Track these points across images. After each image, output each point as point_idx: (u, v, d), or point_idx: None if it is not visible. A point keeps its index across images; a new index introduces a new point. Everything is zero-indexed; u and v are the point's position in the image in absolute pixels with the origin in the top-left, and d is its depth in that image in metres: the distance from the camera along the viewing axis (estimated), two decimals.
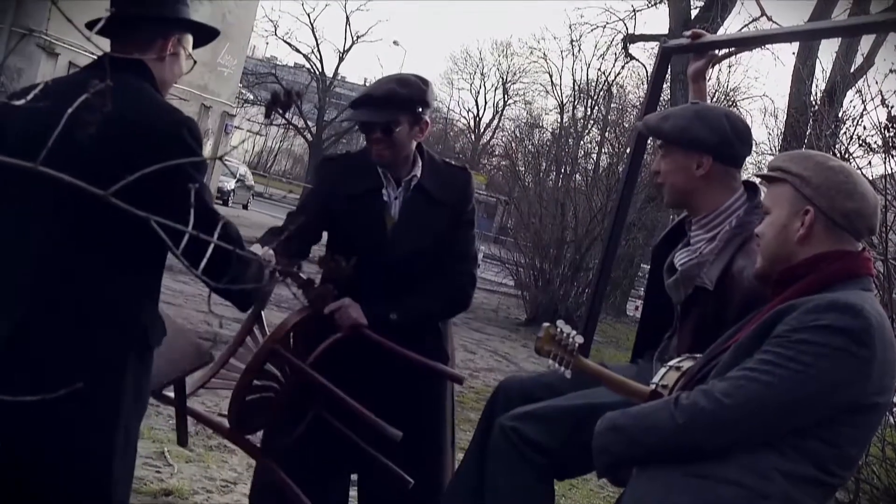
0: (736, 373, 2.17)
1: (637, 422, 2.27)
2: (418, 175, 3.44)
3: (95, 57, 2.36)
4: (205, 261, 1.17)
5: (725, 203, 2.84)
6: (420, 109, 3.36)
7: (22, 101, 1.61)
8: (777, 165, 2.40)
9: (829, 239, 2.29)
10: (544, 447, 2.71)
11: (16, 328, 2.19)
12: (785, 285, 2.30)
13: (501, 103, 56.70)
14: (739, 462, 2.15)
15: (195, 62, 2.55)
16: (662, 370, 2.52)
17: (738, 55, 25.96)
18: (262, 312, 3.47)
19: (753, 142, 3.00)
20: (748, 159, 3.08)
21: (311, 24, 52.93)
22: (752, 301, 2.52)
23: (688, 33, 3.61)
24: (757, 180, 2.66)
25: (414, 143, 3.41)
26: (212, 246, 1.05)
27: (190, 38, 2.53)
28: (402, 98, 3.33)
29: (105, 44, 2.36)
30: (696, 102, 3.23)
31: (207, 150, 28.23)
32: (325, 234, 3.54)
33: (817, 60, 14.29)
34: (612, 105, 23.37)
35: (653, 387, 2.48)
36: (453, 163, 3.63)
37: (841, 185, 2.28)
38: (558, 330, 2.63)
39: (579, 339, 2.65)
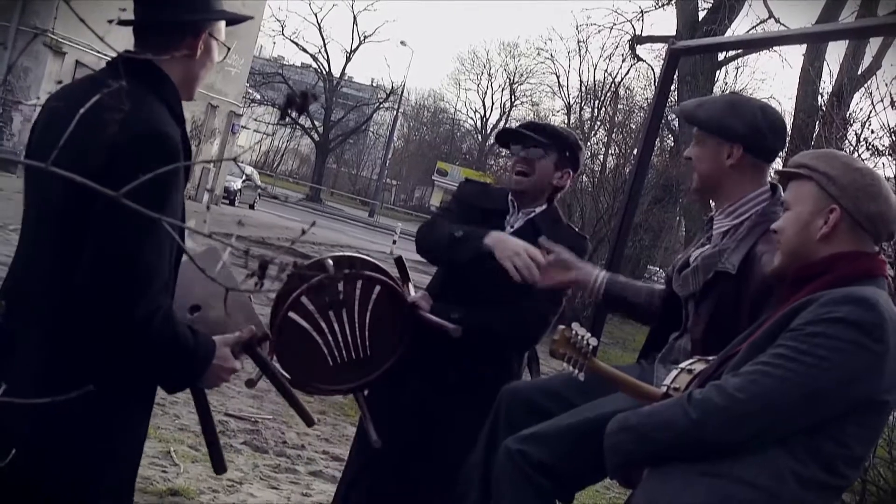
0: (750, 367, 2.16)
1: (649, 420, 2.26)
2: (537, 212, 3.51)
3: (105, 57, 2.35)
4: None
5: (751, 194, 2.84)
6: (569, 155, 3.50)
7: (33, 102, 1.60)
8: (802, 162, 2.38)
9: (851, 239, 2.28)
10: (549, 467, 2.69)
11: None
12: (800, 284, 2.29)
13: (508, 104, 56.79)
14: (752, 461, 2.14)
15: (229, 49, 2.55)
16: (674, 372, 2.51)
17: (746, 57, 25.97)
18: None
19: (788, 137, 3.00)
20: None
21: (319, 24, 52.97)
22: (770, 287, 2.53)
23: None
24: (777, 176, 2.64)
25: (551, 187, 3.51)
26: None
27: (222, 26, 2.51)
28: (559, 135, 3.50)
29: (113, 43, 2.35)
30: (735, 93, 3.24)
31: (214, 149, 28.34)
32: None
33: (825, 62, 14.29)
34: (619, 106, 23.32)
35: (664, 389, 2.46)
36: (577, 229, 3.69)
37: (868, 187, 2.28)
38: (573, 332, 2.60)
39: (594, 342, 2.63)
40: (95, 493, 2.29)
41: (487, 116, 59.97)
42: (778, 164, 3.35)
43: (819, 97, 13.17)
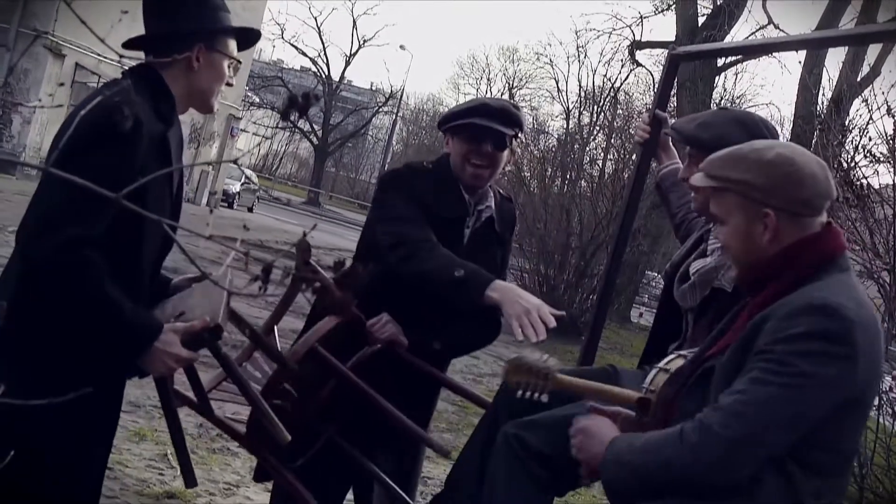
0: (728, 398, 2.11)
1: (645, 457, 2.19)
2: (493, 207, 3.38)
3: (104, 59, 2.41)
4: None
5: None
6: (518, 135, 3.33)
7: (34, 104, 1.62)
8: (714, 174, 2.29)
9: (795, 228, 2.21)
10: (546, 456, 2.69)
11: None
12: (762, 284, 2.25)
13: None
14: (749, 495, 2.11)
15: (240, 62, 2.58)
16: (652, 373, 2.49)
17: (745, 63, 25.99)
18: (276, 326, 3.42)
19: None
20: None
21: (318, 28, 53.24)
22: None
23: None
24: (699, 188, 2.48)
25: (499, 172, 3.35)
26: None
27: (228, 43, 2.54)
28: (516, 118, 3.29)
29: (113, 45, 2.38)
30: (726, 108, 3.24)
31: (213, 152, 28.35)
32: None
33: (824, 69, 14.30)
34: (618, 111, 23.34)
35: (643, 391, 2.44)
36: (502, 192, 3.54)
37: (788, 176, 2.19)
38: (524, 360, 2.55)
39: (552, 362, 2.57)
40: (71, 488, 2.33)
41: None
42: None
43: (816, 105, 13.17)
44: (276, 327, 3.43)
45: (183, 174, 2.51)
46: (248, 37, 2.65)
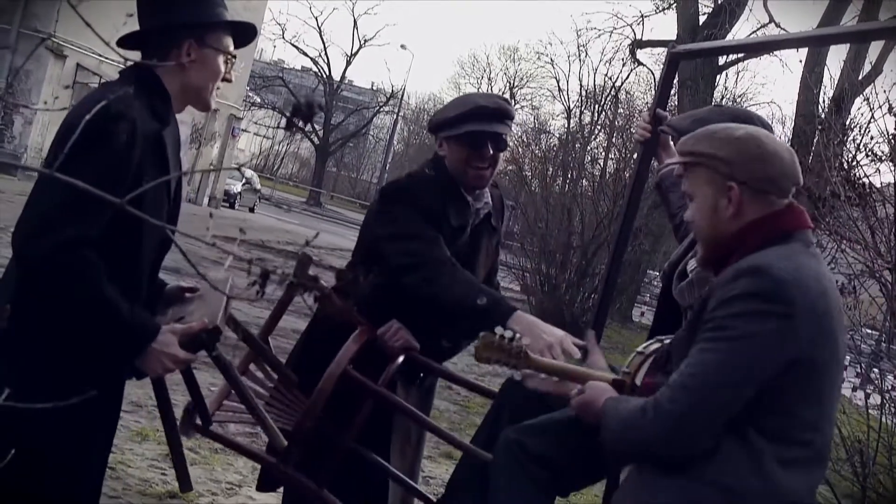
0: (676, 375, 2.17)
1: (622, 433, 2.25)
2: (490, 204, 3.39)
3: (106, 60, 2.41)
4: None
5: None
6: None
7: (41, 107, 1.62)
8: (686, 150, 2.37)
9: (758, 205, 2.27)
10: (547, 459, 2.70)
11: None
12: (720, 264, 2.29)
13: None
14: (711, 460, 2.14)
15: (234, 57, 2.56)
16: (631, 356, 2.53)
17: (746, 61, 25.99)
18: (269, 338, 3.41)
19: None
20: None
21: (319, 28, 53.19)
22: None
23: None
24: (674, 168, 2.59)
25: None
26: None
27: (222, 38, 2.52)
28: (511, 113, 3.31)
29: (114, 46, 2.38)
30: (722, 106, 3.25)
31: (214, 152, 28.36)
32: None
33: (825, 68, 14.30)
34: (619, 110, 23.32)
35: (619, 374, 2.49)
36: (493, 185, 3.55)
37: (753, 152, 2.27)
38: (496, 336, 2.54)
39: (525, 341, 2.57)
40: (72, 488, 2.33)
41: None
42: None
43: (818, 104, 13.17)
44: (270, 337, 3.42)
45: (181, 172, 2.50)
46: (246, 33, 2.62)
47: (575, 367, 2.62)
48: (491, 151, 3.25)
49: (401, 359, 3.18)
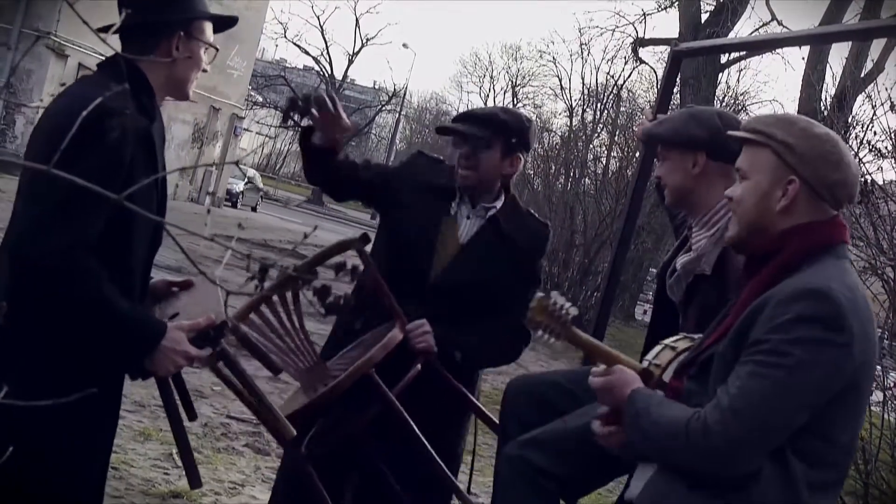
0: (726, 397, 2.08)
1: (657, 440, 2.18)
2: (497, 208, 3.37)
3: (103, 58, 2.40)
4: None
5: (723, 200, 2.84)
6: (515, 141, 3.30)
7: (36, 105, 1.62)
8: (758, 128, 2.28)
9: (809, 210, 2.21)
10: (551, 472, 2.69)
11: None
12: (757, 264, 2.24)
13: (511, 107, 56.63)
14: (747, 481, 2.09)
15: (217, 50, 2.56)
16: (658, 348, 2.49)
17: (748, 59, 25.95)
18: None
19: None
20: None
21: (321, 27, 52.92)
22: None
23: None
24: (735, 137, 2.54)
25: (501, 176, 3.35)
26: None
27: (205, 28, 2.52)
28: (500, 122, 3.29)
29: (115, 45, 2.38)
30: (692, 106, 3.26)
31: (216, 152, 28.37)
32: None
33: (827, 65, 14.28)
34: (621, 109, 23.35)
35: (646, 364, 2.44)
36: (537, 215, 3.55)
37: (827, 154, 2.20)
38: (551, 301, 2.51)
39: (573, 311, 2.55)
40: (73, 488, 2.33)
41: None
42: None
43: (820, 102, 13.16)
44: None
45: (166, 168, 2.47)
46: (226, 23, 2.62)
47: (606, 348, 2.59)
48: (468, 151, 3.27)
49: (418, 367, 3.15)
